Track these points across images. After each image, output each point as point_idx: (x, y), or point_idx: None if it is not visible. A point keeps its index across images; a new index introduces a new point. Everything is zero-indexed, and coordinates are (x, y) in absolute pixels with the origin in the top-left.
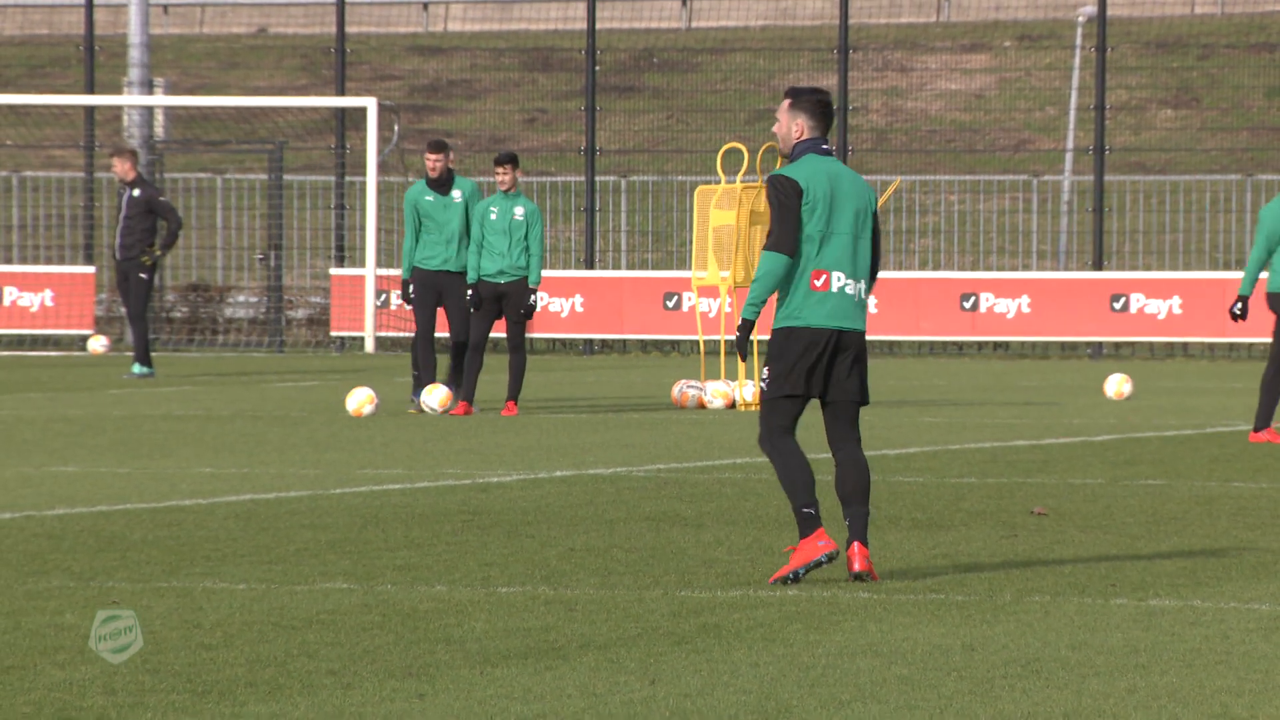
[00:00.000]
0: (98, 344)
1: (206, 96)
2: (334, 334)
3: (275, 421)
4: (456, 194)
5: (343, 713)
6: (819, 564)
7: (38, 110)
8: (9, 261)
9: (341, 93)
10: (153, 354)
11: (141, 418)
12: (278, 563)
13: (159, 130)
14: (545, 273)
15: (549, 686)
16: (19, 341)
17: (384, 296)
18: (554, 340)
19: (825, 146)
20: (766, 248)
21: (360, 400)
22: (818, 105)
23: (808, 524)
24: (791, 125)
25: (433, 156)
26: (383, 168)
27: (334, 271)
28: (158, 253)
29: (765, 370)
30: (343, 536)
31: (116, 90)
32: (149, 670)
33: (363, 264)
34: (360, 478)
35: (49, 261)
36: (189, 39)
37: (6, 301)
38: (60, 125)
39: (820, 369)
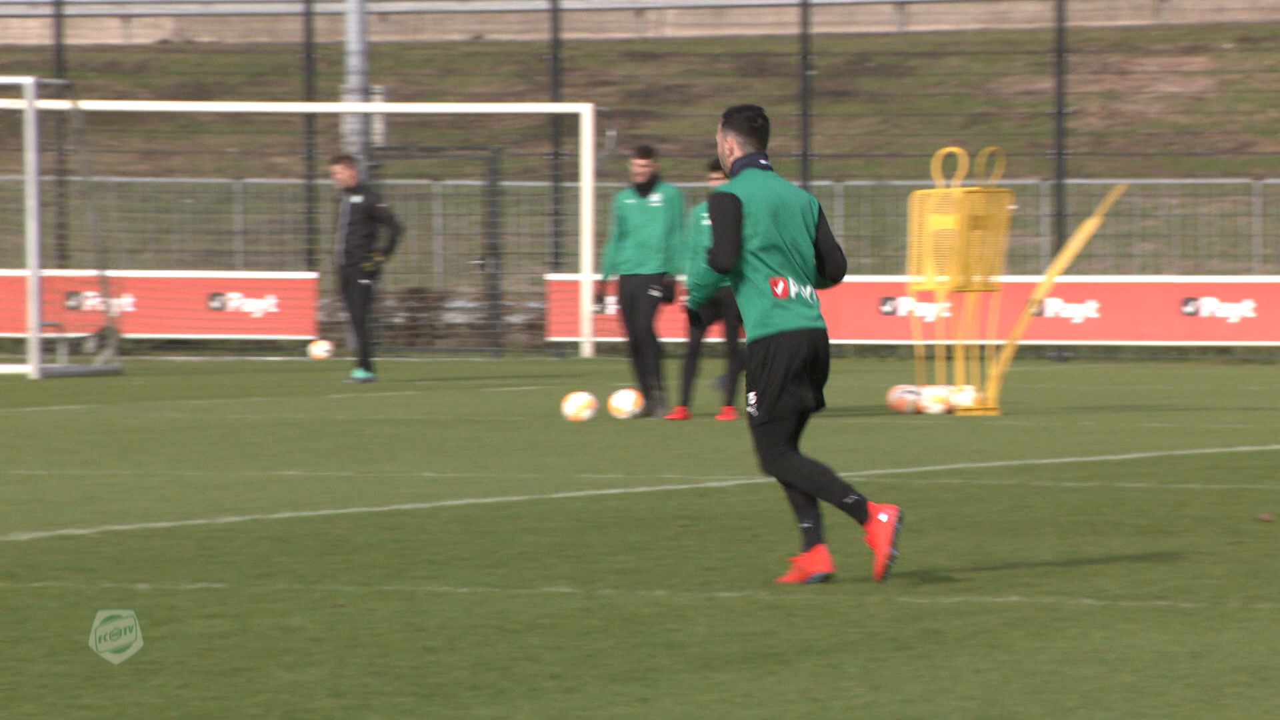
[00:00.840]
0: (320, 349)
1: (424, 103)
2: (551, 339)
3: (494, 426)
4: (655, 198)
5: (566, 716)
6: (898, 532)
7: (259, 118)
8: (232, 268)
9: (557, 99)
10: (374, 359)
11: (364, 422)
12: (499, 566)
13: (377, 137)
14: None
15: (770, 691)
16: (243, 347)
17: (601, 302)
18: None
19: (763, 162)
20: (706, 259)
21: (579, 405)
22: (747, 122)
23: (860, 510)
24: (724, 144)
25: (639, 162)
26: (598, 173)
27: (550, 277)
28: (379, 259)
29: (751, 396)
30: (563, 540)
31: (335, 97)
32: (374, 673)
33: (579, 269)
34: (580, 482)
35: (271, 268)
36: (407, 46)
37: (230, 307)
38: (281, 132)
39: (805, 374)
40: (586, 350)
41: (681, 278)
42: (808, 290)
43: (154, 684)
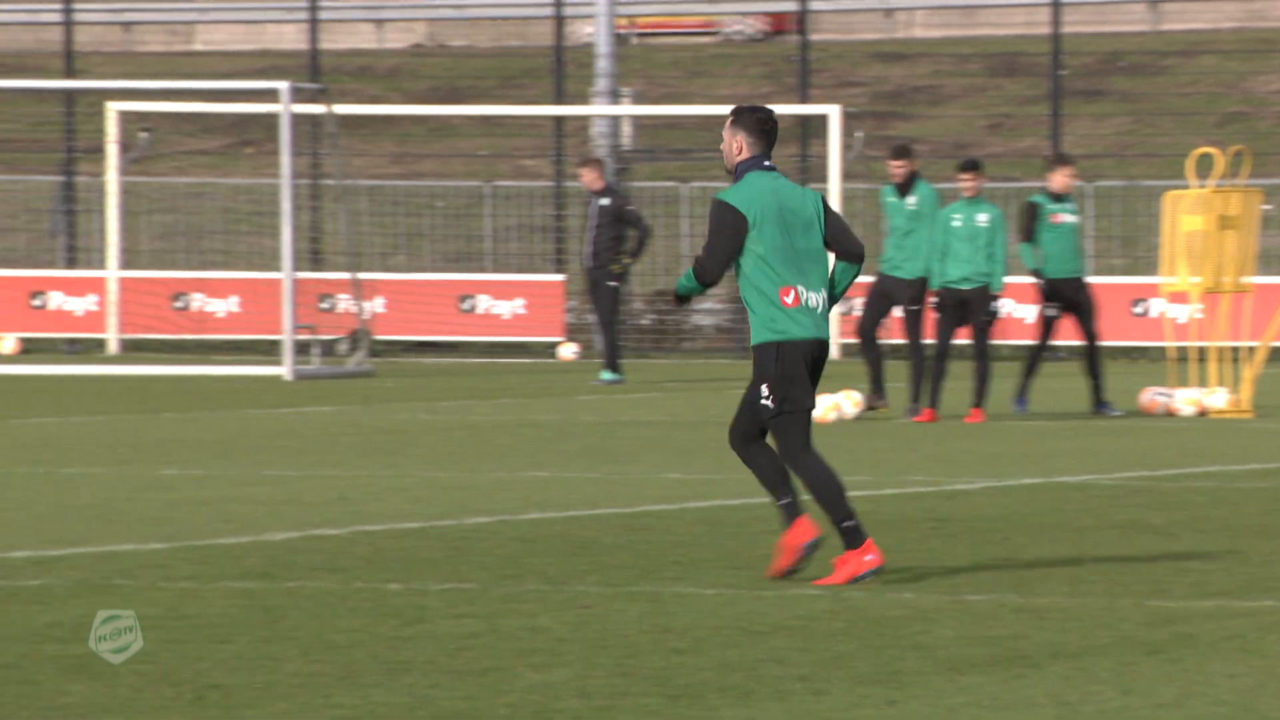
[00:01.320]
0: (568, 351)
1: (672, 105)
2: None
3: None
4: (912, 200)
5: (813, 719)
6: (863, 579)
7: (509, 121)
8: (482, 270)
9: (804, 100)
10: (621, 361)
11: (611, 424)
12: (745, 568)
13: (625, 139)
14: (1009, 279)
15: (1019, 695)
16: (491, 349)
17: (849, 304)
18: (1019, 347)
19: (768, 164)
20: (692, 267)
21: (825, 407)
22: (758, 123)
23: (855, 537)
24: (733, 143)
25: (893, 163)
26: (845, 175)
27: None
28: (627, 261)
29: (766, 388)
30: None
31: (584, 100)
32: (622, 674)
33: None
34: None
35: (520, 270)
36: (655, 48)
37: (480, 310)
38: (530, 135)
39: (806, 379)
40: (834, 352)
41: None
42: (816, 297)
43: (404, 683)
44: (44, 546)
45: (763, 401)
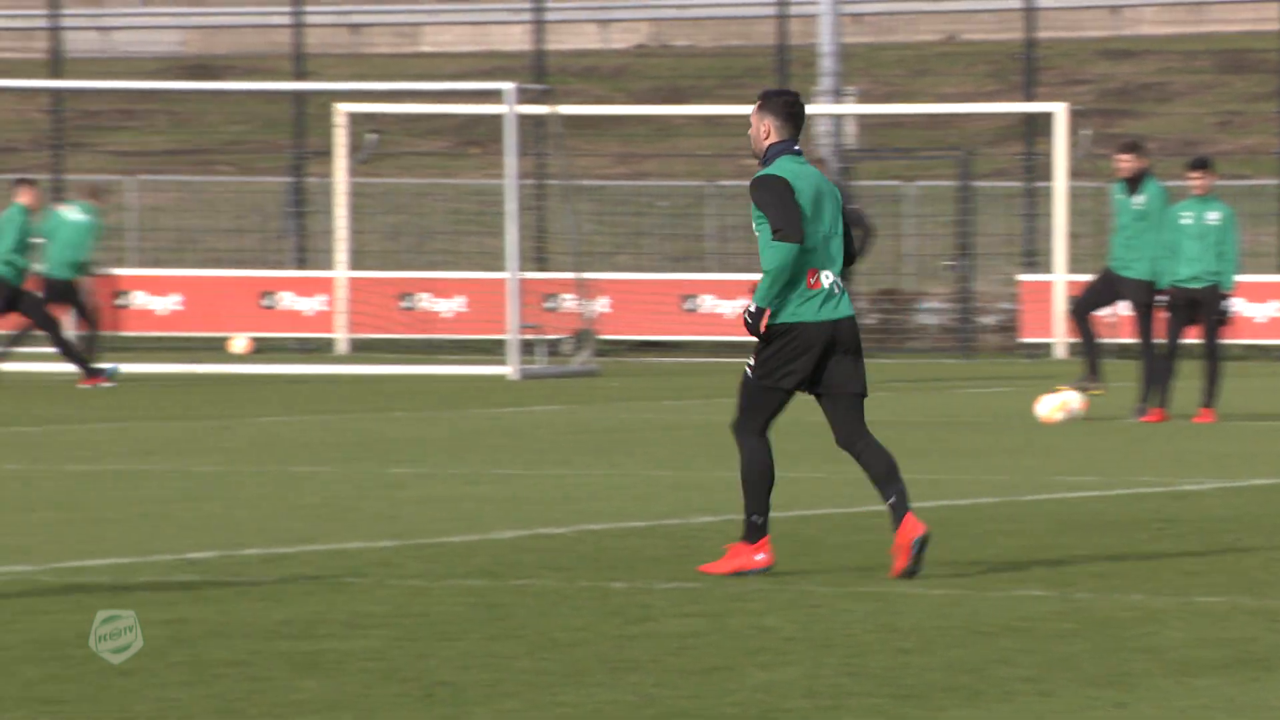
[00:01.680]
0: None
1: (895, 104)
2: (1023, 340)
3: (966, 428)
4: (1139, 199)
5: None
6: (746, 575)
7: (732, 120)
8: (705, 270)
9: (1030, 99)
10: None
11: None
12: (972, 568)
13: (849, 138)
14: (1238, 277)
15: (1253, 698)
16: (715, 348)
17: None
18: (1250, 346)
19: (797, 148)
20: (774, 239)
21: (1052, 406)
22: (786, 107)
23: (754, 533)
24: (760, 127)
25: (1120, 157)
26: (1072, 173)
27: (1022, 278)
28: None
29: (756, 357)
30: (1037, 543)
31: (807, 99)
32: (849, 673)
33: (1051, 270)
34: (1053, 484)
35: (743, 270)
36: (879, 47)
37: (703, 309)
38: None
39: (813, 365)
40: (1059, 351)
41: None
42: (835, 281)
43: (629, 682)
44: (274, 544)
45: (747, 366)
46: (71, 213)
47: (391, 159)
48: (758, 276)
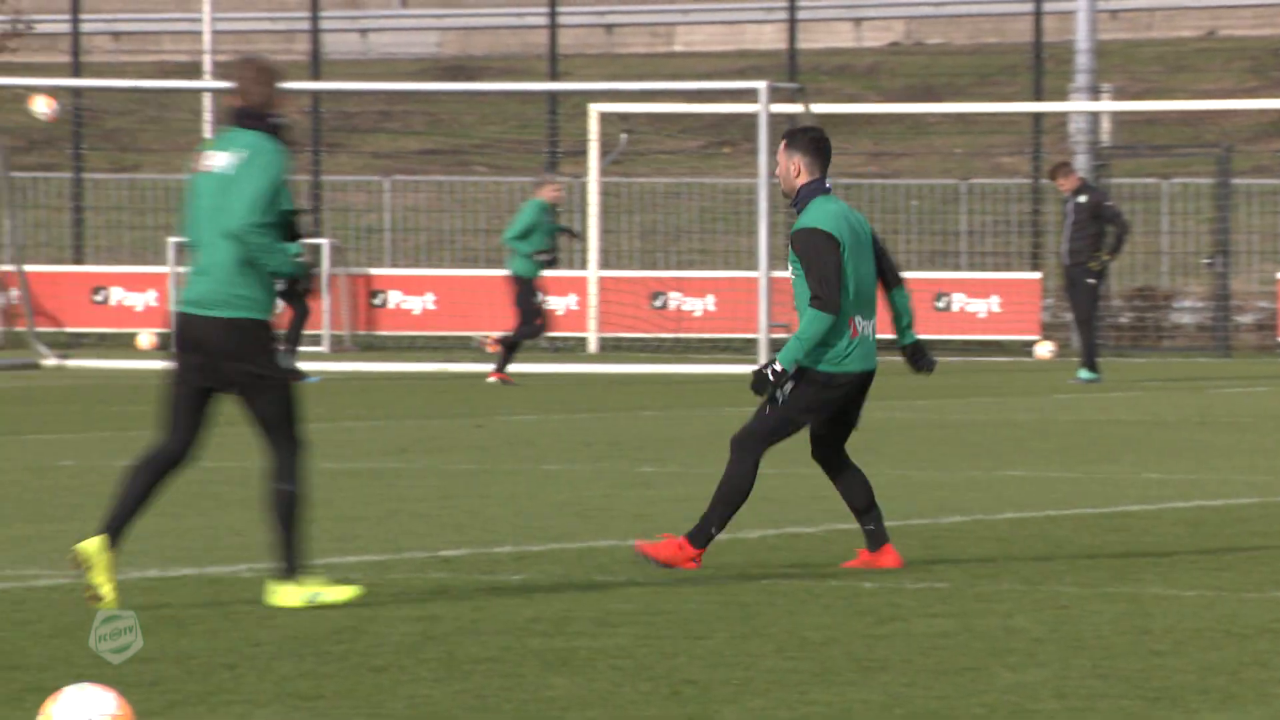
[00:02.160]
0: (1044, 349)
1: (1152, 101)
2: None
3: (1222, 428)
4: None
5: None
6: (673, 570)
7: (986, 118)
8: (957, 268)
9: None
10: (1098, 359)
11: (1088, 423)
12: (1226, 569)
13: (1104, 136)
14: None
15: None
16: (966, 347)
17: None
18: None
19: (828, 186)
20: (814, 307)
21: None
22: (814, 144)
23: (701, 540)
24: (789, 166)
25: None
26: None
27: None
28: (1105, 258)
29: (792, 387)
30: None
31: (1063, 96)
32: (1099, 675)
33: None
34: None
35: (996, 268)
36: (1136, 44)
37: (955, 308)
38: (1007, 132)
39: (841, 408)
40: None
41: None
42: (871, 325)
43: (879, 681)
44: (526, 542)
45: (778, 391)
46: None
47: (643, 158)
48: (1008, 276)
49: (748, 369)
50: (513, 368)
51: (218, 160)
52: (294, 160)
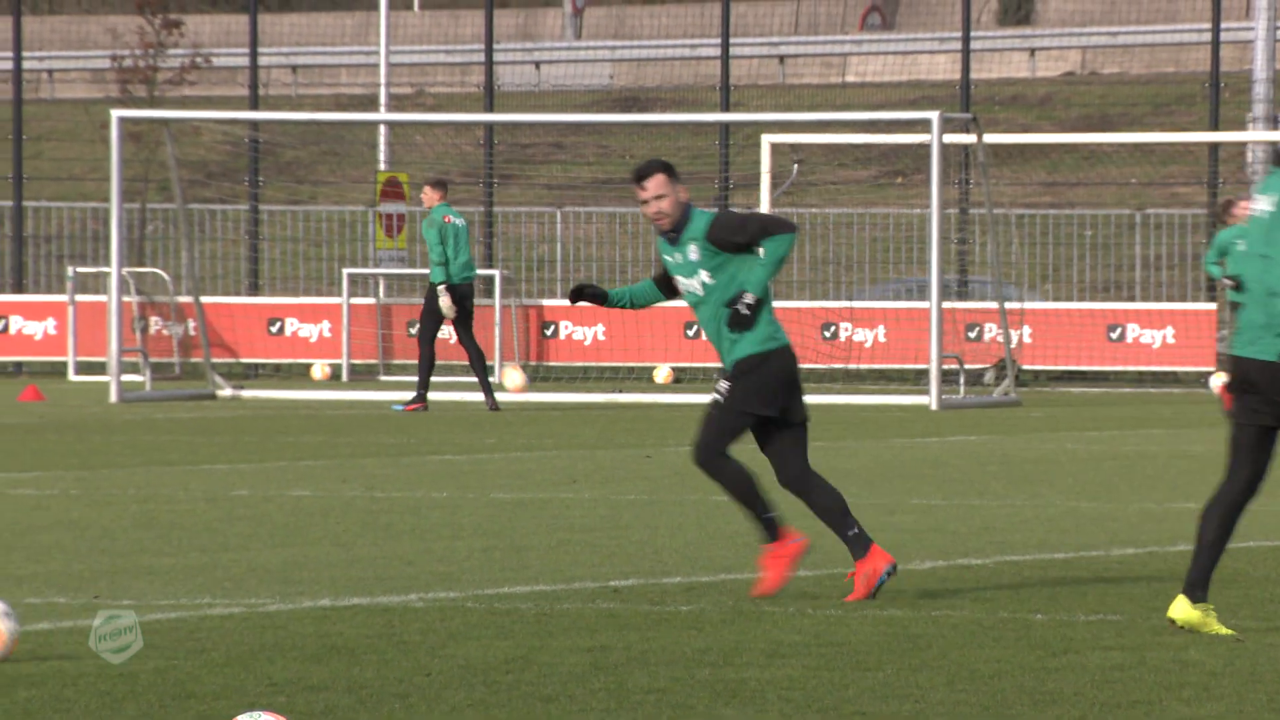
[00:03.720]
0: (1219, 381)
1: None
2: None
3: None
4: None
5: None
6: (794, 568)
7: (1162, 148)
8: (1131, 299)
9: None
10: None
11: None
12: None
13: None
14: None
15: None
16: (1140, 378)
17: None
18: None
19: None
20: (771, 233)
21: None
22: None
23: (770, 534)
24: (678, 194)
25: None
26: None
27: None
28: None
29: (730, 384)
30: None
31: (1240, 126)
32: (1275, 709)
33: None
34: None
35: (1171, 299)
36: None
37: (1129, 339)
38: (1184, 162)
39: (788, 392)
40: None
41: None
42: None
43: (1052, 715)
44: (695, 573)
45: (719, 393)
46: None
47: (814, 189)
48: (1184, 307)
49: (917, 400)
50: (678, 398)
51: (1261, 204)
52: None
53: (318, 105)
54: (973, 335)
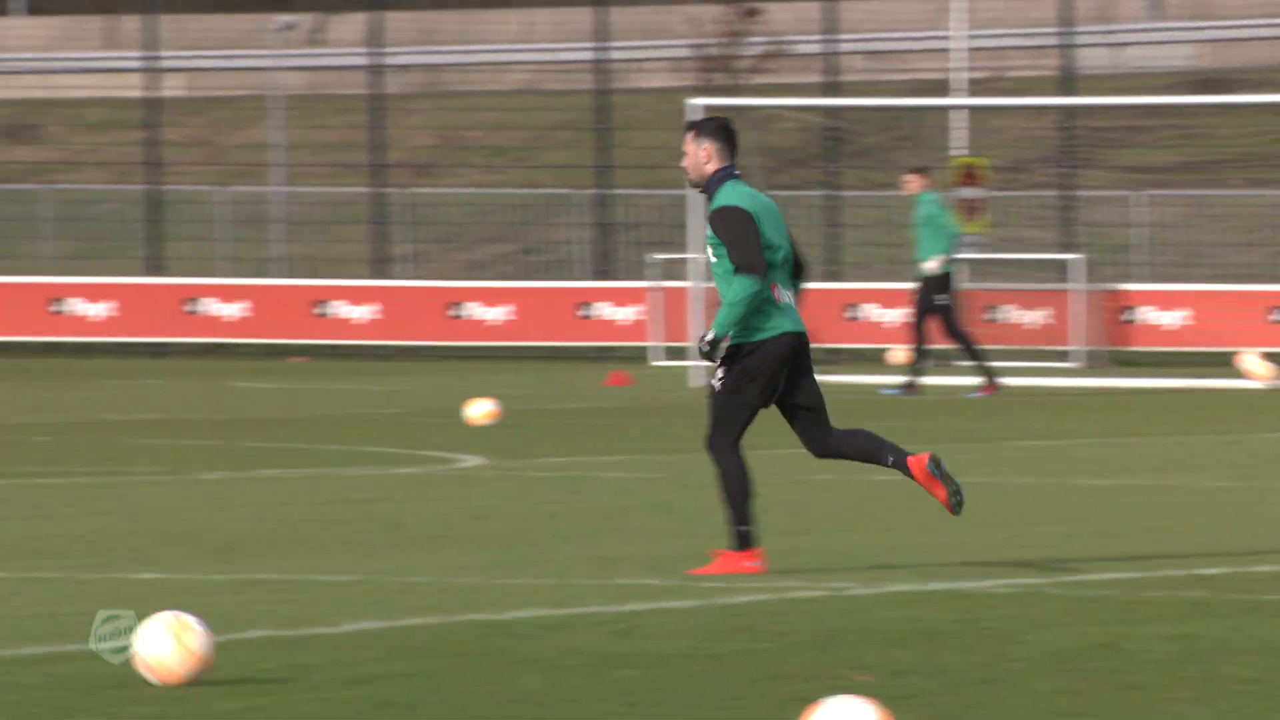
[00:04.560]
0: None
1: None
2: None
3: None
4: None
5: None
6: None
7: None
8: None
9: None
10: None
11: None
12: None
13: None
14: None
15: None
16: None
17: None
18: None
19: (737, 172)
20: (739, 272)
21: None
22: (721, 131)
23: (743, 541)
24: (699, 153)
25: None
26: None
27: None
28: None
29: (725, 371)
30: None
31: None
32: None
33: None
34: None
35: None
36: None
37: None
38: None
39: (783, 376)
40: None
41: None
42: (791, 294)
43: None
44: None
45: (714, 381)
46: None
47: None
48: None
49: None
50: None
51: None
52: None
53: (892, 90)
54: None
